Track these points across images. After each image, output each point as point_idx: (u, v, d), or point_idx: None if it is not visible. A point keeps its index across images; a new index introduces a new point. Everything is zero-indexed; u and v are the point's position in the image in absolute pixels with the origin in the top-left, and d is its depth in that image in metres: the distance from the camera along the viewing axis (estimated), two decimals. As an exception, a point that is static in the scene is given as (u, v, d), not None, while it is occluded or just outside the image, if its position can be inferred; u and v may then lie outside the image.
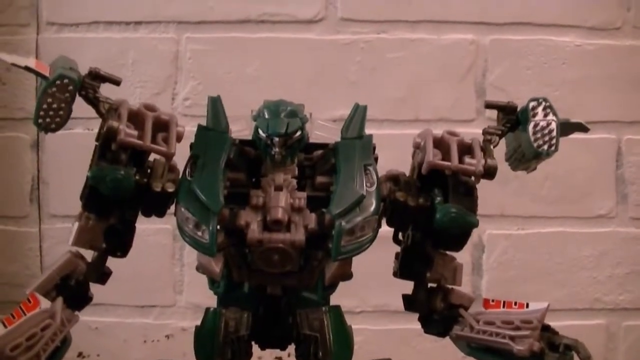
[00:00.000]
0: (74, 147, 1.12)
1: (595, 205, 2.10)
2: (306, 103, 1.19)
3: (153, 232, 1.04)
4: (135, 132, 1.11)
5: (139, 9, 2.06)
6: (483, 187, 1.17)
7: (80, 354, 2.12)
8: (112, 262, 1.21)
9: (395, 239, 1.23)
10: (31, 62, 1.12)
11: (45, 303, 1.10)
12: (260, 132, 1.13)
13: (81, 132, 1.66)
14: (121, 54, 2.05)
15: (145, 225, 1.19)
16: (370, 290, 1.69)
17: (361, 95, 1.41)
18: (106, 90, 1.16)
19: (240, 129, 1.19)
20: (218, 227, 1.08)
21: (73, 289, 1.17)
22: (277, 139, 1.11)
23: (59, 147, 1.98)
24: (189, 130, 1.16)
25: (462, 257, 1.93)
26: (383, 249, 1.19)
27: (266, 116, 1.13)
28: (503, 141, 1.23)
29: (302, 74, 2.03)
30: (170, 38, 2.05)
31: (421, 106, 2.04)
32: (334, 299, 1.23)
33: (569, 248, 2.10)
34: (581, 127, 1.25)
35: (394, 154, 1.21)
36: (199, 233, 1.08)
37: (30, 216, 2.09)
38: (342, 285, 1.22)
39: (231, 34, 2.05)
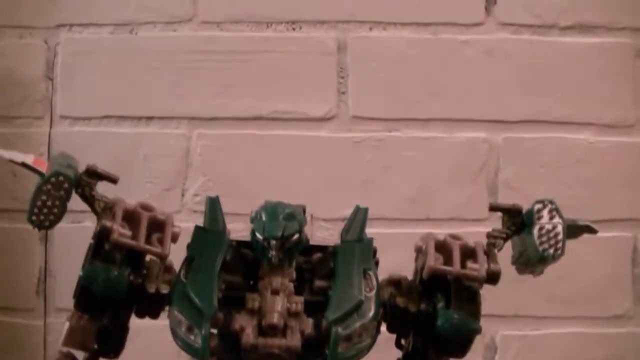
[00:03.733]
0: (82, 240, 1.11)
1: (610, 305, 2.05)
2: (317, 201, 1.18)
3: (159, 329, 1.03)
4: (129, 232, 1.09)
5: (152, 104, 2.07)
6: (496, 287, 1.15)
7: None
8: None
9: (398, 344, 1.20)
10: (29, 159, 1.12)
11: (32, 406, 1.08)
12: (257, 234, 1.11)
13: (90, 225, 1.64)
14: (132, 149, 2.05)
15: (151, 323, 1.17)
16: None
17: (372, 194, 1.41)
18: (116, 185, 1.15)
19: (241, 229, 1.17)
20: (211, 331, 1.05)
21: None
22: (274, 242, 1.09)
23: (67, 240, 1.97)
24: (193, 227, 1.15)
25: (474, 359, 1.92)
26: (392, 349, 1.19)
27: (263, 218, 1.11)
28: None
29: (313, 172, 2.02)
30: (182, 134, 2.05)
31: (432, 205, 2.02)
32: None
33: (585, 349, 2.04)
34: (589, 229, 1.22)
35: (405, 254, 1.19)
36: (192, 337, 1.05)
37: (36, 309, 2.07)
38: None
39: (242, 131, 2.04)
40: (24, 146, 1.18)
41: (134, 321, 1.16)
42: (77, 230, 1.10)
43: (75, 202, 1.13)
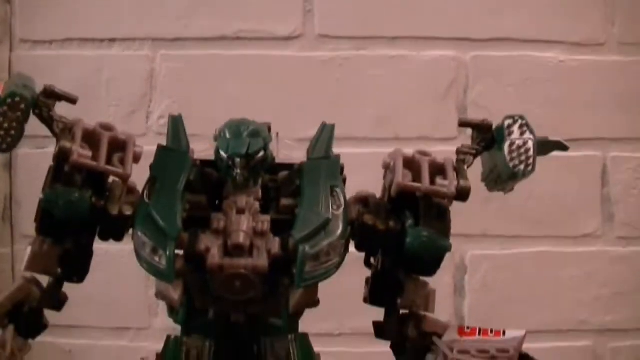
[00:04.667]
0: (47, 166, 1.08)
1: (581, 225, 2.07)
2: (283, 122, 1.15)
3: (127, 253, 1.01)
4: (89, 153, 1.06)
5: (114, 26, 2.03)
6: (464, 207, 1.12)
7: (53, 378, 2.08)
8: (87, 284, 1.14)
9: (367, 263, 1.18)
10: None
11: (-6, 331, 1.06)
12: (222, 152, 1.08)
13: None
14: (95, 72, 2.02)
15: (119, 247, 1.14)
16: (350, 312, 1.65)
17: (339, 113, 1.38)
18: (80, 109, 1.12)
19: (206, 148, 1.14)
20: (176, 252, 1.03)
21: (26, 316, 1.11)
22: (238, 160, 1.06)
23: (32, 167, 1.95)
24: (155, 150, 1.13)
25: (444, 279, 1.92)
26: (363, 271, 1.16)
27: (227, 136, 1.08)
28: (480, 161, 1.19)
29: (279, 92, 1.99)
30: (145, 56, 2.02)
31: (401, 124, 2.00)
32: (313, 322, 1.17)
33: (554, 268, 2.05)
34: (560, 146, 1.20)
35: (374, 174, 1.16)
36: (156, 259, 1.02)
37: (2, 236, 2.06)
38: (321, 307, 1.16)
39: (207, 52, 2.02)
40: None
41: (102, 247, 1.14)
42: (41, 156, 1.08)
43: (39, 127, 1.10)
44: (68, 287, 1.14)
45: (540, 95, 2.02)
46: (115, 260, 1.80)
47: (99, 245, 1.13)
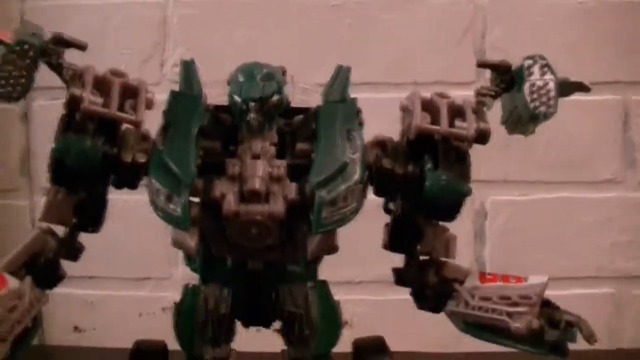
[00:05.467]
0: (62, 117, 1.08)
1: (602, 170, 2.03)
2: (296, 67, 1.13)
3: (146, 203, 1.01)
4: (100, 100, 1.04)
5: (124, -27, 2.01)
6: (484, 152, 1.10)
7: (76, 328, 2.10)
8: (107, 235, 1.14)
9: (386, 209, 1.17)
10: None
11: (13, 283, 1.04)
12: (235, 96, 1.06)
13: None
14: (106, 20, 2.00)
15: (138, 196, 1.12)
16: (370, 259, 1.64)
17: (354, 58, 1.35)
18: (91, 58, 1.09)
19: (220, 93, 1.12)
20: (191, 199, 1.02)
21: (43, 267, 1.11)
22: (252, 104, 1.04)
23: (48, 118, 1.92)
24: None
25: (465, 225, 1.91)
26: (384, 217, 1.15)
27: (240, 80, 1.06)
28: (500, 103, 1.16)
29: (293, 37, 1.97)
30: (157, 3, 2.00)
31: (418, 69, 1.97)
32: (333, 269, 1.17)
33: (574, 214, 2.03)
34: (582, 87, 1.17)
35: (390, 119, 1.14)
36: (171, 206, 1.01)
37: (20, 189, 2.07)
38: (341, 255, 1.15)
39: (219, -2, 1.99)
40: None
41: (121, 198, 1.12)
42: (57, 107, 1.05)
43: (54, 78, 1.08)
44: (89, 239, 1.14)
45: (558, 38, 1.98)
46: (134, 210, 1.77)
47: (117, 196, 1.12)
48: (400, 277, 1.17)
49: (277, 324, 1.15)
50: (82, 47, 1.09)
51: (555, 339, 1.06)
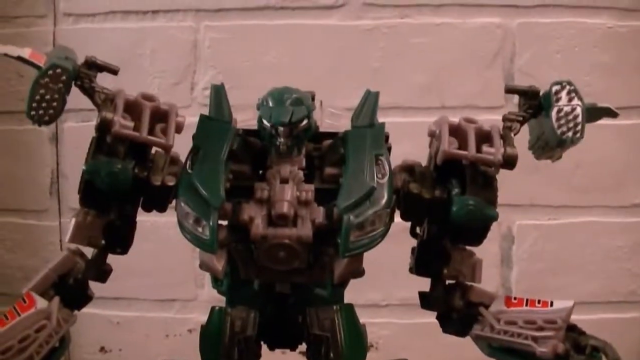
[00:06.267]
0: (93, 139, 1.09)
1: (630, 194, 2.02)
2: (327, 91, 1.14)
3: (174, 225, 1.01)
4: (131, 124, 1.06)
5: (157, -3, 2.03)
6: (511, 176, 1.11)
7: (102, 349, 2.11)
8: (134, 256, 1.15)
9: (413, 233, 1.17)
10: (25, 52, 1.08)
11: (41, 303, 1.06)
12: (264, 121, 1.07)
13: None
14: (139, 44, 2.02)
15: (165, 219, 1.15)
16: (397, 282, 1.65)
17: (384, 82, 1.38)
18: (123, 82, 1.12)
19: (249, 117, 1.13)
20: (220, 222, 1.03)
21: (71, 287, 1.12)
22: (281, 129, 1.05)
23: (78, 140, 1.95)
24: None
25: (491, 248, 1.90)
26: (410, 240, 1.15)
27: (270, 104, 1.07)
28: (527, 129, 1.17)
29: (323, 61, 1.97)
30: (189, 26, 2.01)
31: (447, 93, 1.98)
32: (359, 292, 1.16)
33: (602, 238, 2.02)
34: (609, 112, 1.18)
35: (419, 143, 1.15)
36: (199, 229, 1.02)
37: (50, 210, 2.08)
38: (367, 278, 1.14)
39: (250, 21, 2.00)
40: (27, 46, 1.16)
41: (149, 219, 1.13)
42: (87, 129, 1.07)
43: (85, 100, 1.10)
44: (116, 260, 1.15)
45: (587, 63, 1.98)
46: (161, 232, 1.81)
47: (145, 218, 1.13)
48: (427, 301, 1.17)
49: (302, 347, 1.16)
50: (114, 71, 1.11)
51: (581, 363, 1.07)
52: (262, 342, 1.15)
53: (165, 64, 2.02)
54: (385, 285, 1.93)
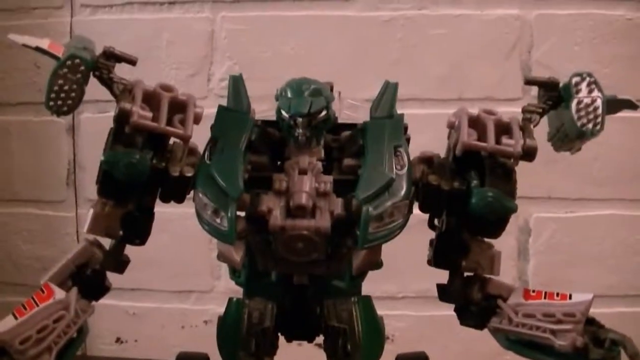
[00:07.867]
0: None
1: (649, 187, 2.01)
2: (344, 82, 1.14)
3: (190, 216, 1.01)
4: (149, 114, 1.05)
5: (173, -12, 2.03)
6: (529, 168, 1.10)
7: (118, 339, 2.13)
8: (151, 247, 1.14)
9: (431, 225, 1.16)
10: (44, 43, 1.08)
11: (59, 293, 1.06)
12: (283, 112, 1.06)
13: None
14: (155, 35, 2.02)
15: (182, 210, 1.14)
16: (413, 275, 1.65)
17: (402, 73, 1.37)
18: (141, 72, 1.11)
19: (268, 108, 1.13)
20: (238, 213, 1.03)
21: (89, 278, 1.12)
22: (300, 120, 1.05)
23: (94, 131, 1.95)
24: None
25: (508, 241, 1.89)
26: (427, 232, 1.15)
27: (289, 95, 1.07)
28: (546, 120, 1.16)
29: (341, 53, 1.97)
30: (205, 17, 2.01)
31: (465, 84, 1.97)
32: (376, 283, 1.16)
33: (620, 231, 2.01)
34: (630, 104, 1.16)
35: (437, 134, 1.14)
36: (218, 220, 1.02)
37: (67, 201, 2.10)
38: (384, 270, 1.13)
39: (267, 12, 2.00)
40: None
41: (166, 210, 1.13)
42: (104, 120, 1.06)
43: (102, 91, 1.10)
44: (133, 251, 1.15)
45: (607, 54, 1.97)
46: (178, 223, 1.80)
47: (162, 209, 1.13)
48: (445, 293, 1.16)
49: (319, 339, 1.16)
50: (132, 62, 1.10)
51: (599, 357, 1.05)
52: (279, 334, 1.15)
53: (182, 55, 2.02)
54: (401, 277, 1.93)
